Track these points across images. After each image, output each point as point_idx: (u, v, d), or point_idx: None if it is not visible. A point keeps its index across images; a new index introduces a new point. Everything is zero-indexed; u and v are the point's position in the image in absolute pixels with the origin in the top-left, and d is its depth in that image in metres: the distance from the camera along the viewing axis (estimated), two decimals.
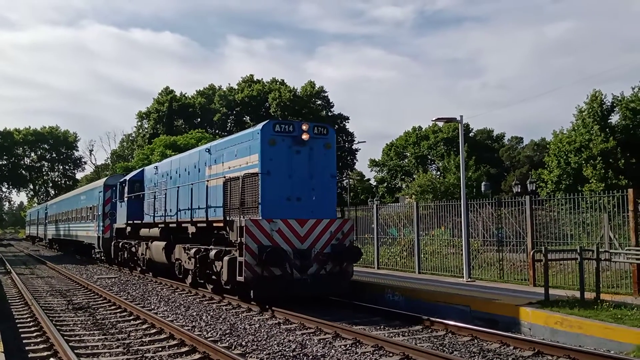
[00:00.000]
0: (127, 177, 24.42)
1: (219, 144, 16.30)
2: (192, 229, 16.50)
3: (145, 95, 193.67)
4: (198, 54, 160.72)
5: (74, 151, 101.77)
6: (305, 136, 13.83)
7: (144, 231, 21.21)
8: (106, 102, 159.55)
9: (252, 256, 12.78)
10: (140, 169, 25.52)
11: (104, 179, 32.01)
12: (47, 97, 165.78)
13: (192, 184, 16.81)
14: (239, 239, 13.02)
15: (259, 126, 13.93)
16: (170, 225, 18.29)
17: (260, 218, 13.17)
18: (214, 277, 15.02)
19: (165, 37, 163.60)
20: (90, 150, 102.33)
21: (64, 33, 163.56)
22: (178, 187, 18.01)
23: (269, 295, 12.99)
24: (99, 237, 28.82)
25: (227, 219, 14.04)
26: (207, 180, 15.81)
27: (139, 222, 21.93)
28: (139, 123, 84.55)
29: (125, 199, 23.47)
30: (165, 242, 18.62)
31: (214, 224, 14.89)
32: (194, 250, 15.86)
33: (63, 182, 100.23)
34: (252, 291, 13.14)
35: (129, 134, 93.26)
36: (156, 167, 21.99)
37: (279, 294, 12.96)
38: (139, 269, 22.48)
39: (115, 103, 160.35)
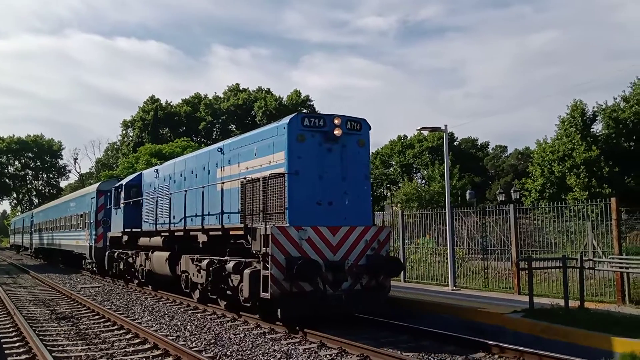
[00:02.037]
0: (124, 182, 22.65)
1: (234, 142, 14.59)
2: (203, 238, 14.74)
3: (130, 103, 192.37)
4: (183, 63, 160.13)
5: (59, 160, 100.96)
6: (337, 132, 12.23)
7: (143, 240, 19.67)
8: (91, 111, 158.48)
9: (279, 269, 11.19)
10: (138, 173, 23.69)
11: (96, 184, 29.64)
12: (31, 105, 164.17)
13: (202, 188, 15.06)
14: (262, 249, 11.45)
15: (286, 119, 12.23)
16: (176, 233, 16.60)
17: (288, 225, 11.54)
18: (229, 292, 13.45)
19: (150, 46, 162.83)
20: (75, 159, 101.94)
21: (47, 42, 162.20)
22: (185, 191, 16.23)
23: (300, 314, 11.42)
24: (90, 247, 26.81)
25: (249, 226, 12.30)
26: (222, 183, 14.13)
27: (138, 230, 20.39)
28: (124, 131, 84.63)
29: (122, 206, 21.84)
30: (169, 252, 16.93)
31: (231, 232, 13.22)
32: (206, 261, 14.13)
33: (47, 190, 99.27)
34: (279, 310, 11.47)
35: (113, 143, 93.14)
36: (157, 170, 20.26)
37: (310, 312, 11.44)
38: (137, 281, 20.82)
39: (100, 111, 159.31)
